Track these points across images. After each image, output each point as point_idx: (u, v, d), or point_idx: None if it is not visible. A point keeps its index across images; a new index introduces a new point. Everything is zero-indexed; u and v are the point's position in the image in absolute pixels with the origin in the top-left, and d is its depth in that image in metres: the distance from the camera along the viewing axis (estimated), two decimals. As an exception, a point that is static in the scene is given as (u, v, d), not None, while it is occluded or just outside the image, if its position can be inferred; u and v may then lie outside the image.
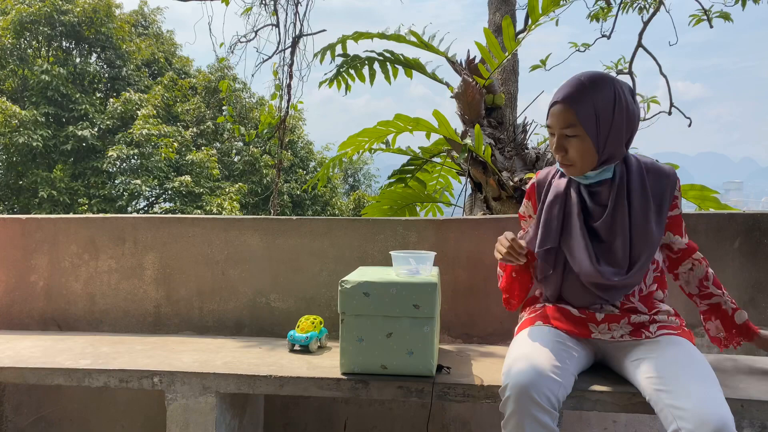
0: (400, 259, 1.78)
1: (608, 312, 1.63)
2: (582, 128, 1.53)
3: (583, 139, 1.54)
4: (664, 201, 1.61)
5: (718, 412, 1.31)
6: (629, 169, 1.61)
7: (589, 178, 1.62)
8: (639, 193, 1.59)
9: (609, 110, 1.53)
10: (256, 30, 5.52)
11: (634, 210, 1.58)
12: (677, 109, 5.35)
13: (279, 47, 5.34)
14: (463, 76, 3.42)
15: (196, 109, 17.21)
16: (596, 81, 1.53)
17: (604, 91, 1.53)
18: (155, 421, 2.29)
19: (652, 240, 1.57)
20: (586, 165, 1.58)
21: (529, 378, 1.42)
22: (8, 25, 15.38)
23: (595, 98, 1.52)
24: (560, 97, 1.55)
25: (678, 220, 1.67)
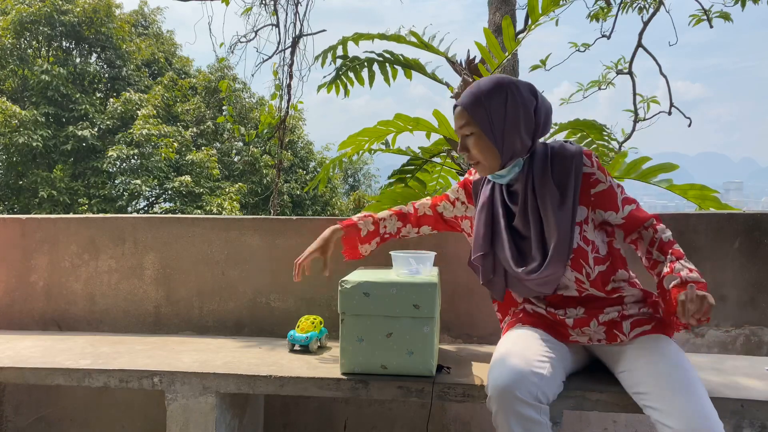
0: (400, 260, 1.78)
1: (575, 316, 1.65)
2: (476, 126, 1.61)
3: (479, 137, 1.61)
4: (568, 181, 1.60)
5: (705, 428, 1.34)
6: (533, 161, 1.64)
7: (502, 177, 1.66)
8: (540, 182, 1.62)
9: (500, 106, 1.59)
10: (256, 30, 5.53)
11: (538, 199, 1.61)
12: (677, 109, 5.35)
13: (279, 47, 5.34)
14: (463, 76, 3.42)
15: (196, 109, 17.21)
16: (490, 82, 1.61)
17: (496, 89, 1.60)
18: (155, 421, 2.29)
19: (558, 225, 1.57)
20: (490, 162, 1.63)
21: (510, 375, 1.44)
22: (8, 25, 15.37)
23: (486, 97, 1.59)
24: (457, 101, 1.65)
25: (606, 194, 1.62)
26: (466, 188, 1.86)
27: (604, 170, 1.63)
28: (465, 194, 1.86)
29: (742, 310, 2.14)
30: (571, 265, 1.60)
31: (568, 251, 1.58)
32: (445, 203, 1.91)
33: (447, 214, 1.91)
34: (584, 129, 3.34)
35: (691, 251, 2.15)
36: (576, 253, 1.59)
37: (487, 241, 1.71)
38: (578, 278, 1.62)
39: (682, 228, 2.15)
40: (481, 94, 1.60)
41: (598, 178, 1.61)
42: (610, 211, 1.63)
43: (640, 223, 1.63)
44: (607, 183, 1.62)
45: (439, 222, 1.93)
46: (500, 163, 1.62)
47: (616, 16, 5.52)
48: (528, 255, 1.64)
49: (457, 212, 1.89)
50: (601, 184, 1.62)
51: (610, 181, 1.62)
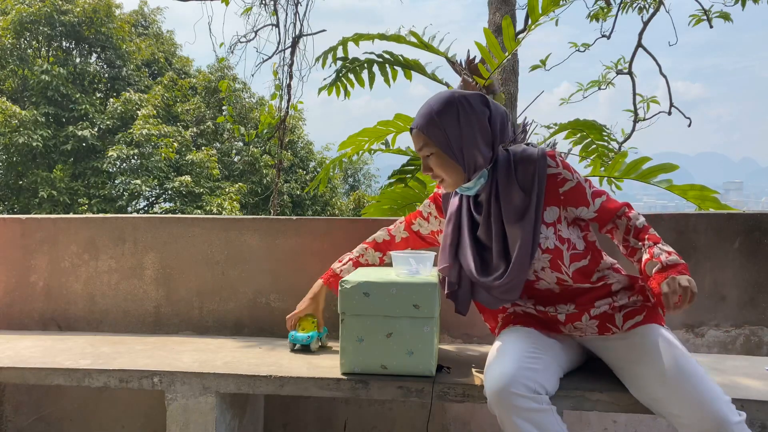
0: (400, 259, 1.78)
1: (566, 312, 1.66)
2: (434, 146, 1.62)
3: (439, 156, 1.62)
4: (533, 184, 1.60)
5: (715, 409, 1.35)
6: (497, 169, 1.64)
7: (470, 189, 1.67)
8: (504, 189, 1.62)
9: (453, 122, 1.59)
10: (256, 30, 5.53)
11: (503, 206, 1.62)
12: (677, 109, 5.36)
13: (279, 47, 5.34)
14: (463, 77, 3.42)
15: (196, 109, 17.20)
16: (440, 100, 1.62)
17: (448, 107, 1.61)
18: (155, 421, 2.29)
19: (521, 230, 1.58)
20: (454, 178, 1.64)
21: (503, 376, 1.45)
22: (8, 25, 15.38)
23: (439, 117, 1.60)
24: (412, 124, 1.67)
25: (575, 191, 1.62)
26: (437, 202, 1.88)
27: (569, 167, 1.63)
28: (435, 208, 1.88)
29: (742, 310, 2.14)
30: (550, 266, 1.61)
31: (529, 258, 1.58)
32: (419, 220, 1.92)
33: (423, 231, 1.93)
34: (584, 129, 3.34)
35: (691, 251, 2.15)
36: (553, 253, 1.59)
37: (452, 253, 1.72)
38: (560, 278, 1.62)
39: (682, 228, 2.15)
40: (433, 114, 1.61)
41: (565, 177, 1.61)
42: (581, 207, 1.63)
43: (612, 214, 1.64)
44: (574, 180, 1.62)
45: (417, 241, 1.96)
46: (464, 177, 1.63)
47: (616, 16, 5.52)
48: (490, 264, 1.64)
49: (432, 227, 1.91)
50: (568, 182, 1.62)
51: (577, 178, 1.62)
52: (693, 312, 2.15)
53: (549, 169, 1.61)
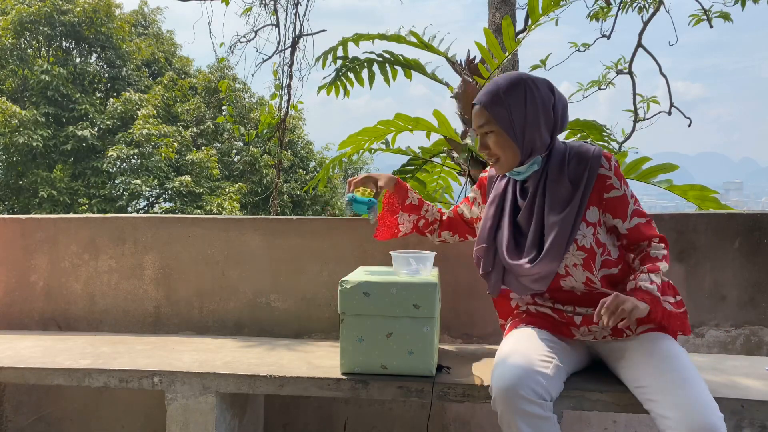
0: (401, 260, 1.78)
1: (583, 314, 1.65)
2: (496, 124, 1.61)
3: (499, 134, 1.61)
4: (581, 181, 1.60)
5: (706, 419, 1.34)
6: (551, 159, 1.64)
7: (520, 173, 1.66)
8: (555, 179, 1.62)
9: (520, 103, 1.59)
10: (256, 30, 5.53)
11: (547, 196, 1.62)
12: (677, 109, 5.35)
13: (279, 47, 5.34)
14: (463, 76, 3.42)
15: (196, 109, 17.20)
16: (508, 80, 1.62)
17: (515, 87, 1.60)
18: (155, 421, 2.29)
19: (560, 220, 1.57)
20: (509, 159, 1.63)
21: (513, 375, 1.45)
22: (8, 25, 15.36)
23: (505, 95, 1.60)
24: (475, 99, 1.65)
25: (617, 201, 1.61)
26: (482, 186, 1.87)
27: (621, 176, 1.62)
28: (481, 194, 1.87)
29: (742, 310, 2.15)
30: (582, 265, 1.60)
31: (563, 249, 1.58)
32: (465, 205, 1.92)
33: (466, 215, 1.92)
34: (584, 129, 3.34)
35: (691, 251, 2.15)
36: (588, 253, 1.59)
37: (491, 234, 1.71)
38: (589, 278, 1.62)
39: (682, 228, 2.15)
40: (500, 92, 1.60)
41: (613, 184, 1.61)
42: (618, 219, 1.63)
43: (642, 239, 1.63)
44: (621, 190, 1.61)
45: (460, 223, 1.94)
46: (519, 160, 1.63)
47: (616, 16, 5.51)
48: (523, 248, 1.64)
49: (473, 214, 1.90)
50: (614, 190, 1.61)
51: (624, 189, 1.62)
52: (693, 312, 2.15)
53: (601, 170, 1.61)
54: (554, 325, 1.69)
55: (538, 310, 1.73)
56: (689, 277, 2.16)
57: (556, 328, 1.69)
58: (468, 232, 1.95)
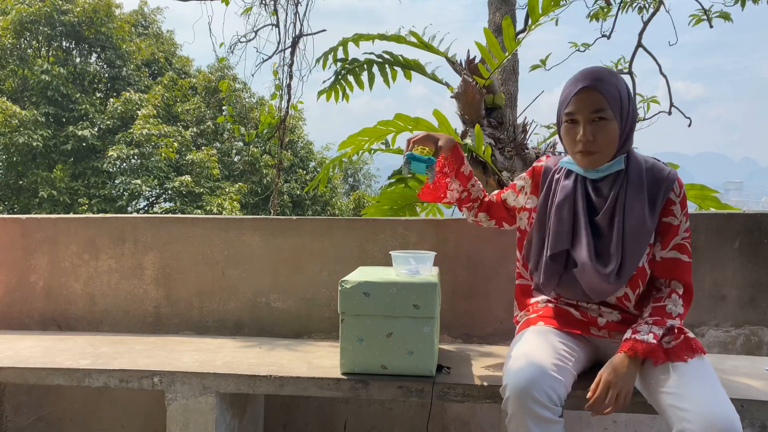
0: (400, 259, 1.78)
1: (610, 320, 1.63)
2: (611, 111, 1.54)
3: (610, 123, 1.55)
4: (657, 200, 1.58)
5: (725, 413, 1.33)
6: (630, 164, 1.61)
7: (600, 171, 1.61)
8: (635, 187, 1.59)
9: (627, 98, 1.57)
10: (256, 30, 5.53)
11: (627, 202, 1.58)
12: (677, 109, 5.35)
13: (279, 47, 5.34)
14: (463, 76, 3.42)
15: (196, 109, 17.20)
16: (613, 71, 1.59)
17: (621, 80, 1.59)
18: (155, 421, 2.29)
19: (641, 236, 1.55)
20: (608, 152, 1.57)
21: (529, 377, 1.43)
22: (8, 25, 15.38)
23: (618, 84, 1.56)
24: (588, 82, 1.54)
25: (670, 229, 1.58)
26: (534, 177, 1.78)
27: (685, 206, 1.59)
28: (531, 183, 1.78)
29: (742, 310, 2.14)
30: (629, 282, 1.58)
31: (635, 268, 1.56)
32: (510, 192, 1.84)
33: (510, 202, 1.84)
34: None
35: (691, 251, 2.15)
36: (639, 272, 1.57)
37: (569, 237, 1.63)
38: (627, 294, 1.60)
39: (682, 228, 2.15)
40: (610, 77, 1.55)
41: (674, 212, 1.59)
42: (658, 243, 1.60)
43: (668, 276, 1.59)
44: (678, 220, 1.58)
45: (501, 210, 1.85)
46: (612, 156, 1.58)
47: (616, 16, 5.51)
48: (605, 254, 1.58)
49: (518, 203, 1.82)
50: (672, 217, 1.59)
51: (681, 221, 1.59)
52: (693, 312, 2.15)
53: (671, 194, 1.59)
54: (574, 323, 1.65)
55: (560, 307, 1.68)
56: (689, 277, 2.16)
57: (576, 327, 1.64)
58: (506, 219, 1.87)
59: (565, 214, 1.64)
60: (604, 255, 1.58)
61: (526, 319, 1.75)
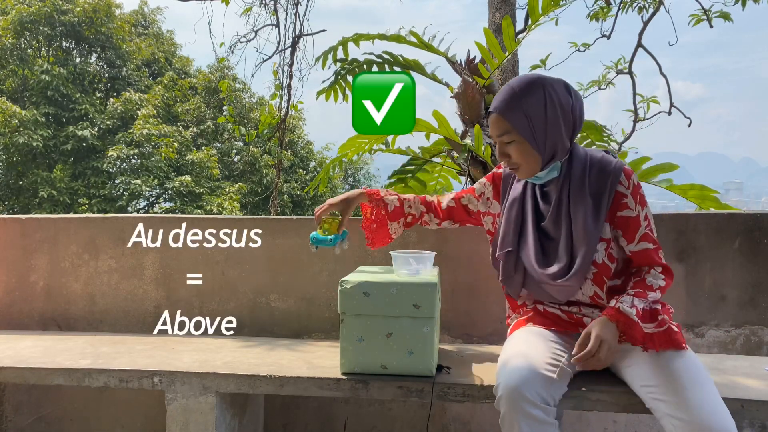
0: (401, 259, 1.78)
1: (592, 317, 1.64)
2: (516, 133, 1.56)
3: (520, 143, 1.57)
4: (602, 196, 1.58)
5: (720, 420, 1.33)
6: (572, 165, 1.62)
7: (540, 178, 1.64)
8: (577, 188, 1.60)
9: (540, 110, 1.55)
10: (256, 30, 5.53)
11: (571, 205, 1.60)
12: (677, 109, 5.35)
13: (279, 47, 5.34)
14: (463, 76, 3.42)
15: (196, 109, 17.20)
16: (525, 84, 1.56)
17: (533, 93, 1.55)
18: (155, 421, 2.29)
19: (589, 237, 1.56)
20: (531, 166, 1.60)
21: (520, 376, 1.44)
22: (8, 25, 15.37)
23: (524, 102, 1.55)
24: (492, 107, 1.59)
25: (629, 222, 1.59)
26: (495, 183, 1.81)
27: (638, 197, 1.59)
28: (492, 189, 1.81)
29: (742, 310, 2.14)
30: (593, 280, 1.60)
31: (590, 265, 1.58)
32: (470, 196, 1.86)
33: (471, 207, 1.86)
34: (584, 129, 3.34)
35: (691, 251, 2.15)
36: (600, 269, 1.59)
37: (515, 238, 1.68)
38: (597, 293, 1.62)
39: (682, 228, 2.15)
40: (517, 97, 1.54)
41: (628, 204, 1.59)
42: (624, 239, 1.61)
43: (645, 263, 1.61)
44: (635, 212, 1.59)
45: (463, 215, 1.88)
46: (541, 166, 1.60)
47: (616, 16, 5.51)
48: (553, 256, 1.62)
49: (481, 207, 1.84)
50: (628, 209, 1.59)
51: (638, 212, 1.59)
52: (693, 312, 2.15)
53: (619, 187, 1.59)
54: (562, 324, 1.68)
55: (547, 309, 1.71)
56: (689, 277, 2.16)
57: (564, 327, 1.67)
58: (470, 221, 1.89)
59: (512, 216, 1.70)
60: (552, 256, 1.62)
61: (516, 320, 1.77)
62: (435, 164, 3.63)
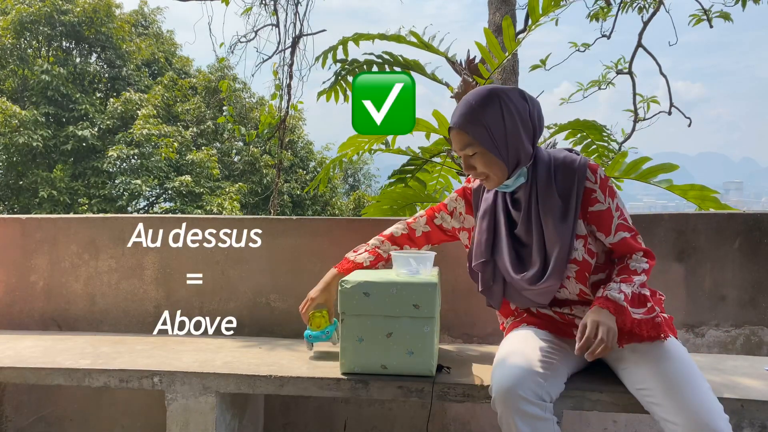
0: (401, 259, 1.78)
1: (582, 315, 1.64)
2: (478, 145, 1.58)
3: (483, 154, 1.59)
4: (570, 194, 1.59)
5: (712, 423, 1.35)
6: (537, 168, 1.63)
7: (508, 186, 1.65)
8: (544, 191, 1.61)
9: (498, 120, 1.56)
10: (256, 30, 5.53)
11: (541, 208, 1.61)
12: (677, 109, 5.35)
13: (279, 47, 5.34)
14: (463, 76, 3.42)
15: (196, 109, 17.20)
16: (481, 98, 1.58)
17: (490, 104, 1.57)
18: (155, 421, 2.29)
19: (560, 237, 1.57)
20: (498, 175, 1.61)
21: (513, 376, 1.45)
22: (8, 25, 15.36)
23: (482, 114, 1.56)
24: (452, 122, 1.61)
25: (602, 216, 1.60)
26: (466, 198, 1.84)
27: (606, 189, 1.60)
28: (464, 204, 1.84)
29: (742, 310, 2.15)
30: (576, 277, 1.61)
31: (565, 265, 1.58)
32: (443, 214, 1.88)
33: (446, 225, 1.89)
34: (584, 129, 3.34)
35: (691, 251, 2.15)
36: (580, 265, 1.60)
37: (489, 248, 1.70)
38: (582, 290, 1.63)
39: (682, 228, 2.15)
40: (474, 110, 1.57)
41: (597, 198, 1.60)
42: (601, 233, 1.63)
43: (627, 252, 1.62)
44: (606, 204, 1.60)
45: (439, 235, 1.90)
46: (507, 175, 1.61)
47: (616, 16, 5.51)
48: (527, 262, 1.64)
49: (455, 223, 1.87)
50: (599, 204, 1.60)
51: (609, 203, 1.60)
52: (693, 312, 2.15)
53: (587, 183, 1.60)
54: (556, 326, 1.69)
55: (540, 311, 1.73)
56: (689, 277, 2.16)
57: (558, 329, 1.69)
58: (447, 239, 1.92)
59: (485, 226, 1.72)
60: (526, 261, 1.64)
61: (511, 323, 1.78)
62: (435, 164, 3.62)
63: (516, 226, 1.67)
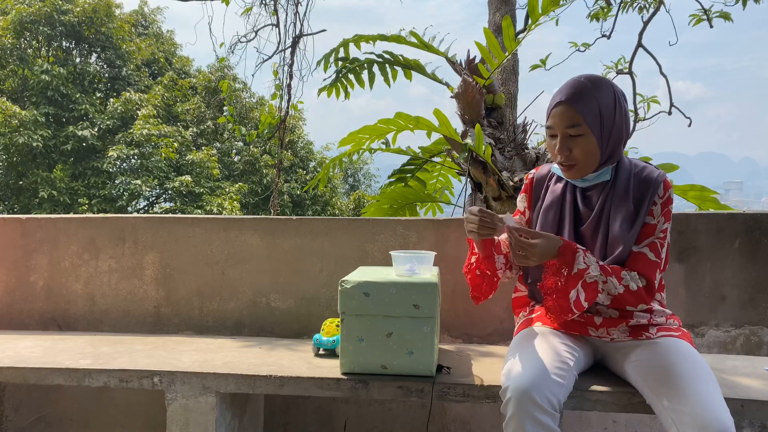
0: (400, 259, 1.78)
1: (606, 316, 1.63)
2: (587, 126, 1.54)
3: (587, 138, 1.55)
4: (642, 203, 1.58)
5: (719, 416, 1.32)
6: (619, 173, 1.62)
7: (587, 180, 1.62)
8: (621, 195, 1.59)
9: (611, 110, 1.55)
10: (256, 30, 5.53)
11: (612, 211, 1.59)
12: (677, 109, 5.35)
13: (279, 47, 5.34)
14: (463, 76, 3.42)
15: (196, 109, 17.20)
16: (597, 82, 1.56)
17: (606, 91, 1.55)
18: (155, 421, 2.29)
19: (624, 241, 1.56)
20: (588, 165, 1.58)
21: (530, 380, 1.42)
22: (8, 25, 15.37)
23: (598, 97, 1.54)
24: (563, 97, 1.55)
25: (647, 228, 1.59)
26: (528, 190, 1.78)
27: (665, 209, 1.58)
28: (527, 198, 1.78)
29: (742, 310, 2.14)
30: None
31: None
32: (519, 218, 1.81)
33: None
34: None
35: (691, 251, 2.15)
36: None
37: None
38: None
39: (682, 228, 2.15)
40: (590, 91, 1.52)
41: (654, 212, 1.59)
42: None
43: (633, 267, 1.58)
44: (656, 221, 1.59)
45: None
46: (595, 168, 1.58)
47: (616, 16, 5.51)
48: None
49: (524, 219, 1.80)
50: (651, 217, 1.59)
51: (659, 221, 1.58)
52: (693, 312, 2.15)
53: (656, 197, 1.59)
54: (572, 323, 1.65)
55: None
56: (689, 277, 2.16)
57: (572, 326, 1.65)
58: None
59: (550, 218, 1.67)
60: None
61: (525, 319, 1.76)
62: (435, 164, 3.63)
63: (582, 223, 1.63)
